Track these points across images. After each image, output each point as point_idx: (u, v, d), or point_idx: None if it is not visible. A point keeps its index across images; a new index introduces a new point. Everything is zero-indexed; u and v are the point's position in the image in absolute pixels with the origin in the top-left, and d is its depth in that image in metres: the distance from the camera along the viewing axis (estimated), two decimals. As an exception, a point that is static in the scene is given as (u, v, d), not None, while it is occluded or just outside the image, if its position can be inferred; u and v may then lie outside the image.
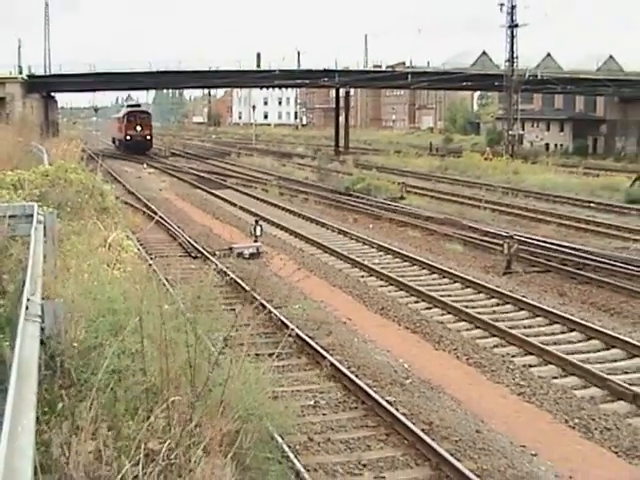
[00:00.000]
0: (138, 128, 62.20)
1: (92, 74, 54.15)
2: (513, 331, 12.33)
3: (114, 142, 73.41)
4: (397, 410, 8.89)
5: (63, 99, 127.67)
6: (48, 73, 56.73)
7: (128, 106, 73.78)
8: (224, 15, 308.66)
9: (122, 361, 5.83)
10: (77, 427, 4.75)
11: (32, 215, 8.70)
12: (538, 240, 19.94)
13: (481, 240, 20.56)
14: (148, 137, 63.11)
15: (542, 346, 11.50)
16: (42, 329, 5.43)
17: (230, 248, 18.99)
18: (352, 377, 9.90)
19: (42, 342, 5.35)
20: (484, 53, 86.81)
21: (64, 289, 6.77)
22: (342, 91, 65.88)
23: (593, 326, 12.55)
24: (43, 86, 55.69)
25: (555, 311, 13.48)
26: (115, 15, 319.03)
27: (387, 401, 9.16)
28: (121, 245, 10.21)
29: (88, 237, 10.14)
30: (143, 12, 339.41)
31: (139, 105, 79.34)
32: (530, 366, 10.93)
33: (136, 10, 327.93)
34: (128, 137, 62.20)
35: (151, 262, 13.69)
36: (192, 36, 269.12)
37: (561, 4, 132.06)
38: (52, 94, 62.86)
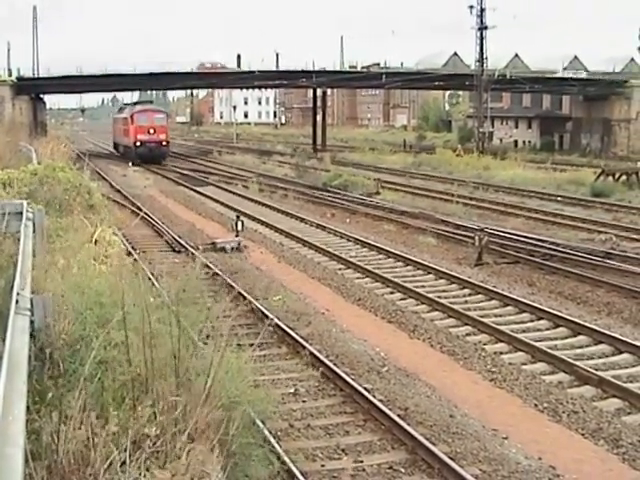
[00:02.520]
0: (151, 131, 48.49)
1: (79, 76, 54.27)
2: (484, 320, 12.56)
3: (117, 148, 59.18)
4: (374, 397, 9.05)
5: (51, 100, 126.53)
6: (36, 75, 56.46)
7: (136, 103, 58.73)
8: (206, 18, 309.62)
9: (109, 352, 5.91)
10: (66, 416, 4.81)
11: (22, 212, 8.81)
12: (508, 233, 20.28)
13: (453, 233, 20.82)
14: (164, 143, 49.24)
15: (512, 334, 11.74)
16: (32, 322, 5.55)
17: (213, 243, 19.24)
18: (331, 365, 10.07)
19: (32, 334, 5.46)
20: (455, 54, 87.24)
21: (53, 284, 6.80)
22: (319, 91, 66.10)
23: (560, 314, 12.80)
24: (32, 88, 55.33)
25: (524, 300, 13.73)
26: (101, 20, 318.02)
27: (364, 388, 9.32)
28: (107, 241, 10.31)
29: (76, 233, 10.19)
30: (126, 17, 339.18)
31: (151, 102, 63.75)
32: (501, 353, 11.14)
33: (119, 15, 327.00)
34: (138, 143, 48.46)
35: (136, 257, 13.82)
36: (176, 39, 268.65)
37: (528, 7, 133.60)
38: (40, 96, 61.88)
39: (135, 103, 59.03)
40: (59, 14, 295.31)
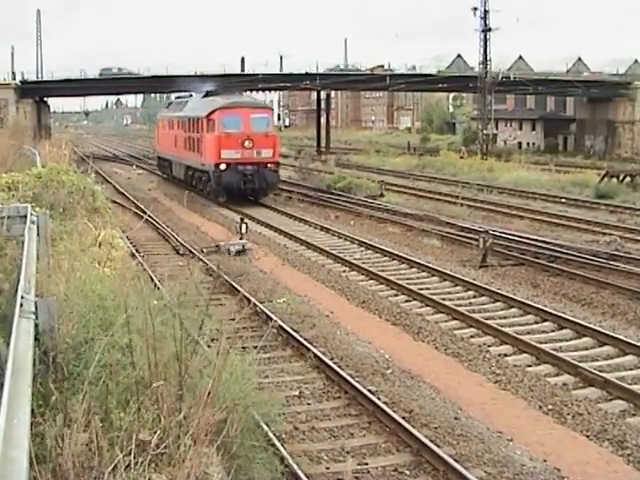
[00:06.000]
0: (247, 143, 28.06)
1: (83, 80, 54.47)
2: (489, 322, 12.56)
3: (166, 170, 38.07)
4: (379, 399, 9.06)
5: (55, 104, 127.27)
6: (40, 79, 56.74)
7: (209, 93, 34.10)
8: (210, 21, 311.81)
9: (113, 355, 5.91)
10: (70, 419, 4.80)
11: (26, 216, 8.85)
12: (512, 234, 20.25)
13: (458, 235, 20.80)
14: (270, 164, 28.68)
15: (517, 336, 11.74)
16: (36, 325, 5.53)
17: (217, 245, 19.29)
18: (335, 368, 10.08)
19: (36, 338, 5.45)
20: (459, 56, 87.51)
21: (57, 287, 6.78)
22: (323, 93, 66.24)
23: (565, 316, 12.81)
24: (36, 91, 55.62)
25: (529, 302, 13.75)
26: (106, 24, 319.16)
27: (369, 390, 9.32)
28: (111, 244, 10.34)
29: (80, 236, 10.21)
30: (130, 21, 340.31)
31: (243, 92, 40.08)
32: (505, 355, 11.14)
33: (124, 18, 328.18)
34: (222, 165, 28.09)
35: (141, 260, 13.87)
36: (179, 41, 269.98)
37: (532, 8, 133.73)
38: (44, 99, 62.22)
39: (207, 93, 34.33)
40: (63, 18, 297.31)
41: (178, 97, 42.55)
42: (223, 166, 28.24)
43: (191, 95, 37.24)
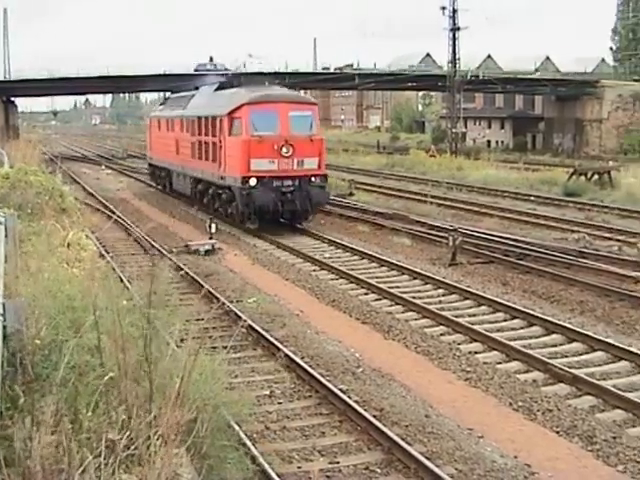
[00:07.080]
0: (286, 150, 21.07)
1: (51, 79, 53.74)
2: (459, 320, 12.58)
3: (163, 181, 31.87)
4: (349, 398, 9.03)
5: (23, 104, 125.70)
6: (8, 78, 55.96)
7: (223, 85, 27.05)
8: (178, 20, 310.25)
9: (82, 356, 5.89)
10: (39, 422, 4.78)
11: (-8, 217, 8.71)
12: (481, 232, 20.36)
13: (427, 233, 20.84)
14: (314, 177, 21.86)
15: (486, 333, 11.78)
16: (4, 327, 5.49)
17: (186, 245, 19.17)
18: (306, 367, 10.04)
19: (4, 340, 5.42)
20: (428, 55, 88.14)
21: (25, 288, 6.75)
22: (293, 93, 66.11)
23: (534, 313, 12.87)
24: (3, 91, 54.77)
25: (498, 300, 13.80)
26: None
27: (340, 389, 9.31)
28: (80, 244, 10.24)
29: (48, 237, 10.10)
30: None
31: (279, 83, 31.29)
32: (475, 353, 11.16)
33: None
34: (253, 179, 20.94)
35: (109, 260, 13.71)
36: (148, 40, 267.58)
37: (500, 8, 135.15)
38: (12, 99, 61.44)
39: (221, 85, 27.19)
40: (32, 18, 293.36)
41: (175, 91, 35.28)
42: (253, 181, 21.12)
43: (197, 88, 29.90)
